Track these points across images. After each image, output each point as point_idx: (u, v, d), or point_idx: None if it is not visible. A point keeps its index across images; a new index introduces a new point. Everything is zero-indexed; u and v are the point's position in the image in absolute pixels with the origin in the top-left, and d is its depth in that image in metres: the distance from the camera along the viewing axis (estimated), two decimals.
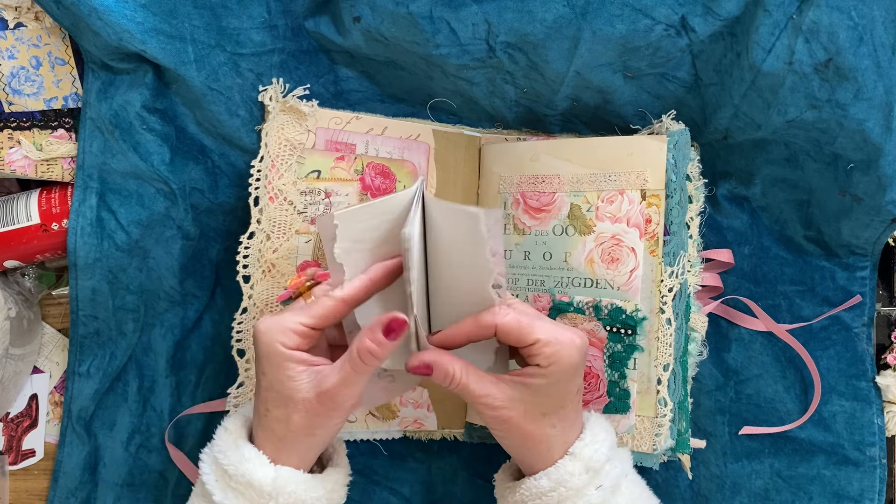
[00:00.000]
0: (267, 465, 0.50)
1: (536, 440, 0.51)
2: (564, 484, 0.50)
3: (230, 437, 0.52)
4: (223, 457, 0.51)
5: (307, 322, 0.51)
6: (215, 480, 0.51)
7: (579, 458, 0.51)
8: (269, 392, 0.51)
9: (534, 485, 0.52)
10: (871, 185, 0.60)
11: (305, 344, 0.51)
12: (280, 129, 0.62)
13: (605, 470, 0.52)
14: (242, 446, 0.51)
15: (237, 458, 0.50)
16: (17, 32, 0.60)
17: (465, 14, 0.58)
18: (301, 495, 0.50)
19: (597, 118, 0.65)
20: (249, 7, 0.61)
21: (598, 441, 0.52)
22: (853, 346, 0.65)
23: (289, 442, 0.51)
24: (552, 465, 0.51)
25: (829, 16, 0.54)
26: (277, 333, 0.50)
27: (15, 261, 0.63)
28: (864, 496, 0.64)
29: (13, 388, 0.64)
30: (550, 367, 0.50)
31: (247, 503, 0.50)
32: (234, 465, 0.50)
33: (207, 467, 0.52)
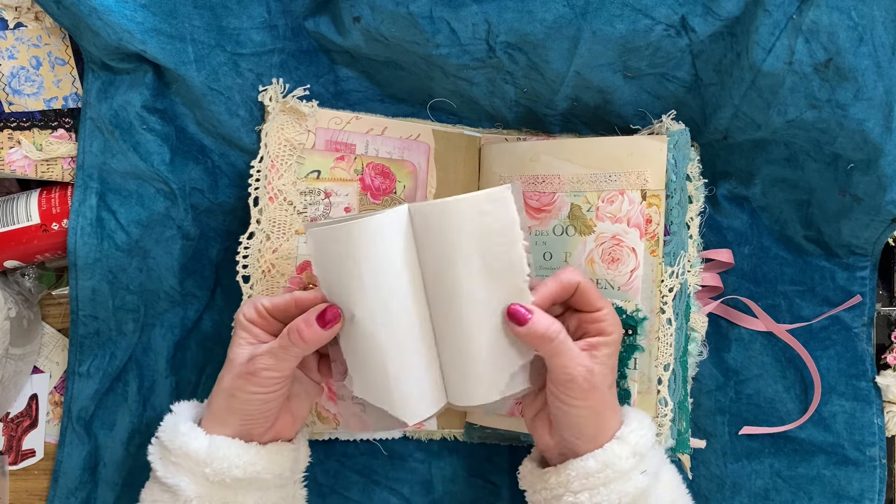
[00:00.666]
0: (202, 436, 0.53)
1: (611, 409, 0.54)
2: (612, 466, 0.52)
3: (172, 418, 0.55)
4: (164, 434, 0.54)
5: (265, 304, 0.54)
6: (159, 458, 0.54)
7: (627, 443, 0.53)
8: (226, 360, 0.55)
9: (580, 465, 0.52)
10: (871, 185, 0.60)
11: (263, 324, 0.54)
12: (280, 130, 0.62)
13: (650, 456, 0.53)
14: (180, 422, 0.54)
15: (173, 433, 0.54)
16: (17, 32, 0.60)
17: (465, 14, 0.58)
18: (234, 460, 0.53)
19: (597, 118, 0.65)
20: (249, 7, 0.61)
21: (643, 427, 0.54)
22: (853, 346, 0.65)
23: (212, 401, 0.55)
24: (599, 448, 0.53)
25: (829, 16, 0.54)
26: (244, 306, 0.55)
27: (15, 261, 0.63)
28: (864, 496, 0.64)
29: (13, 388, 0.64)
30: (614, 335, 0.54)
31: (186, 473, 0.53)
32: (172, 439, 0.53)
33: (153, 448, 0.55)
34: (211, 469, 0.52)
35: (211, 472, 0.52)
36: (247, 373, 0.53)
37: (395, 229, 0.53)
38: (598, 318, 0.54)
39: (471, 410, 0.58)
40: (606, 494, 0.52)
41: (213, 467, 0.52)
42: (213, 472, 0.52)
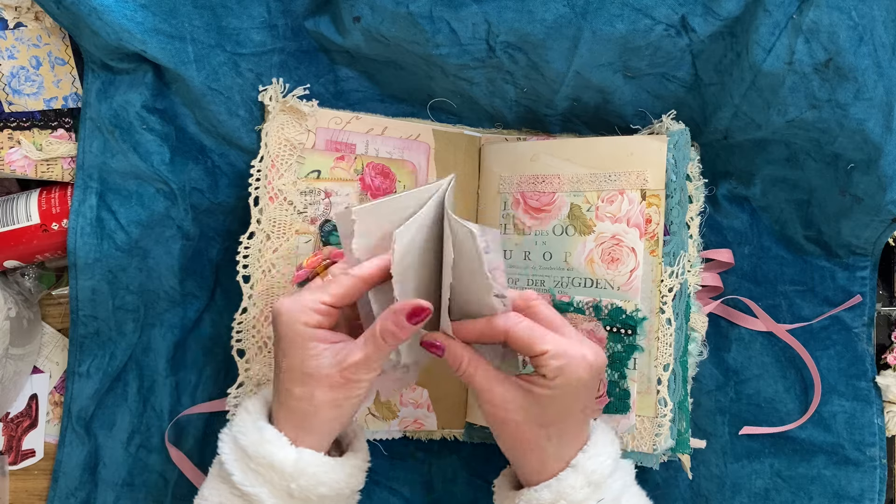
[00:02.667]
0: (288, 447, 0.50)
1: (530, 448, 0.51)
2: (565, 497, 0.50)
3: (250, 418, 0.52)
4: (243, 437, 0.51)
5: (327, 300, 0.51)
6: (235, 461, 0.50)
7: (581, 471, 0.50)
8: (290, 373, 0.51)
9: (534, 496, 0.51)
10: (871, 185, 0.60)
11: (326, 322, 0.51)
12: (280, 129, 0.62)
13: (608, 483, 0.51)
14: (263, 427, 0.51)
15: (258, 439, 0.50)
16: (17, 32, 0.60)
17: (465, 14, 0.58)
18: (322, 477, 0.50)
19: (597, 118, 0.65)
20: (249, 7, 0.61)
21: (601, 454, 0.51)
22: (853, 346, 0.65)
23: (311, 419, 0.51)
24: (553, 477, 0.51)
25: (829, 16, 0.54)
26: (298, 313, 0.50)
27: (15, 261, 0.63)
28: (864, 496, 0.64)
29: (13, 388, 0.64)
30: (555, 381, 0.49)
31: (267, 484, 0.50)
32: (255, 446, 0.50)
33: (227, 447, 0.51)
34: (297, 485, 0.49)
35: (297, 487, 0.49)
36: (349, 383, 0.50)
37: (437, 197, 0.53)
38: (538, 364, 0.50)
39: None
40: None
41: (299, 483, 0.49)
42: (299, 489, 0.49)
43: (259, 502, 0.49)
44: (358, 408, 0.52)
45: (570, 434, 0.52)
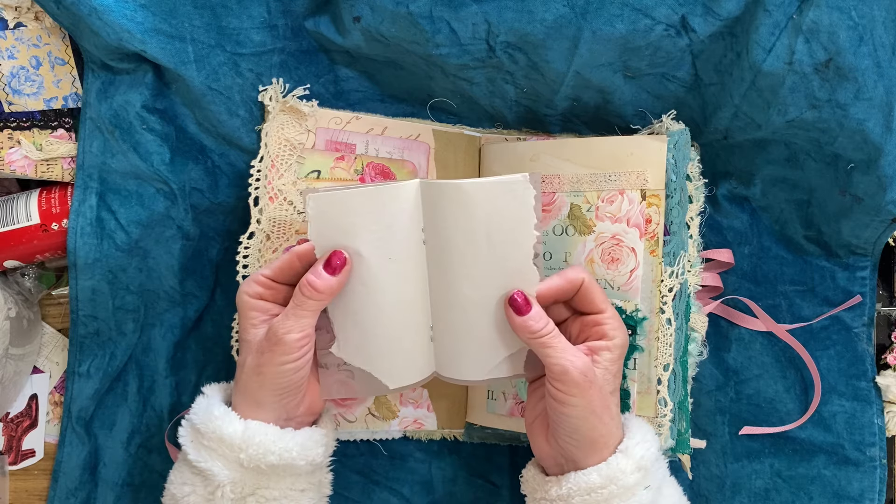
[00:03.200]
0: (237, 421, 0.52)
1: (610, 415, 0.52)
2: (616, 481, 0.50)
3: (204, 400, 0.55)
4: (196, 418, 0.54)
5: (266, 272, 0.54)
6: (190, 441, 0.53)
7: (631, 456, 0.51)
8: (240, 343, 0.55)
9: (583, 479, 0.51)
10: (871, 185, 0.60)
11: (269, 295, 0.54)
12: (280, 129, 0.62)
13: (653, 470, 0.52)
14: (213, 406, 0.53)
15: (207, 417, 0.53)
16: (17, 32, 0.60)
17: (465, 14, 0.58)
18: (269, 446, 0.52)
19: (597, 118, 0.65)
20: (249, 7, 0.61)
21: (647, 440, 0.53)
22: (853, 346, 0.65)
23: (243, 386, 0.53)
24: (603, 462, 0.51)
25: (829, 16, 0.54)
26: (244, 285, 0.54)
27: (15, 261, 0.63)
28: (865, 496, 0.64)
29: (13, 388, 0.64)
30: (615, 340, 0.53)
31: (220, 458, 0.52)
32: (205, 423, 0.53)
33: (184, 431, 0.54)
34: (246, 455, 0.51)
35: (246, 457, 0.51)
36: (271, 344, 0.52)
37: (404, 200, 0.54)
38: (600, 321, 0.53)
39: (456, 383, 0.58)
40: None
41: (248, 453, 0.51)
42: (248, 458, 0.51)
43: (213, 476, 0.52)
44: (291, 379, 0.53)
45: (618, 409, 0.54)
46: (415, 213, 0.54)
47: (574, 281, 0.53)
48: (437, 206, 0.54)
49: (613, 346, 0.53)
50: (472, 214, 0.52)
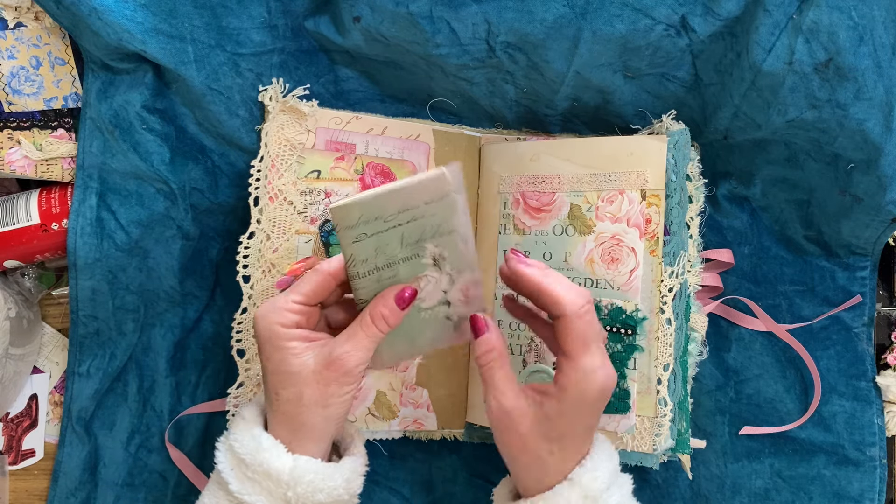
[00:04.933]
0: (284, 455, 0.50)
1: (531, 460, 0.50)
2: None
3: (246, 426, 0.51)
4: (239, 445, 0.50)
5: (298, 299, 0.51)
6: (231, 469, 0.50)
7: (578, 485, 0.50)
8: (275, 376, 0.50)
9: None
10: (871, 185, 0.60)
11: (304, 321, 0.51)
12: (280, 129, 0.62)
13: (604, 498, 0.50)
14: (259, 435, 0.50)
15: (254, 447, 0.50)
16: (17, 32, 0.60)
17: (465, 14, 0.58)
18: (319, 484, 0.50)
19: (597, 118, 0.65)
20: (249, 7, 0.61)
21: (599, 469, 0.50)
22: (853, 346, 0.65)
23: (302, 420, 0.50)
24: (549, 490, 0.50)
25: (829, 16, 0.54)
26: (273, 315, 0.50)
27: (15, 261, 0.63)
28: (864, 496, 0.64)
29: (13, 388, 0.64)
30: (565, 392, 0.49)
31: (264, 493, 0.49)
32: (252, 454, 0.50)
33: (223, 456, 0.51)
34: (294, 493, 0.49)
35: (294, 496, 0.49)
36: (338, 374, 0.50)
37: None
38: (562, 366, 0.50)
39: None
40: None
41: (296, 491, 0.49)
42: (296, 497, 0.49)
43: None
44: (350, 406, 0.52)
45: (573, 449, 0.51)
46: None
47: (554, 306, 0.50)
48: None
49: (561, 398, 0.49)
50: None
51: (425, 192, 0.52)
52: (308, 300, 0.51)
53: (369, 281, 0.52)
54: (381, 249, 0.52)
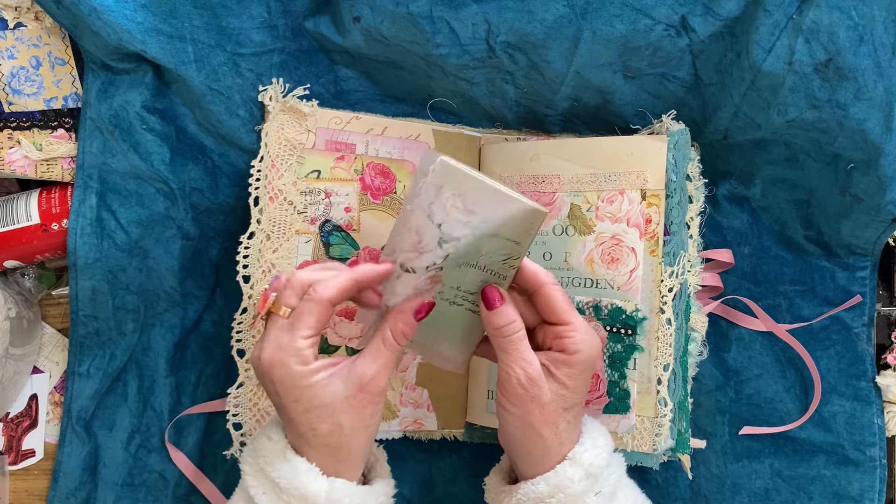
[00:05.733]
0: (321, 478, 0.49)
1: (551, 430, 0.50)
2: (563, 490, 0.50)
3: (276, 448, 0.50)
4: (272, 469, 0.49)
5: (308, 333, 0.49)
6: (263, 493, 0.49)
7: (579, 464, 0.50)
8: (308, 413, 0.49)
9: (531, 490, 0.51)
10: (871, 185, 0.60)
11: (315, 352, 0.50)
12: (280, 129, 0.62)
13: (604, 476, 0.51)
14: (293, 458, 0.49)
15: (289, 471, 0.49)
16: (17, 32, 0.60)
17: (465, 14, 0.58)
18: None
19: (597, 118, 0.65)
20: (249, 7, 0.61)
21: (598, 446, 0.51)
22: (853, 346, 0.65)
23: (349, 449, 0.50)
24: (550, 470, 0.50)
25: (829, 16, 0.54)
26: (286, 358, 0.48)
27: (15, 261, 0.63)
28: (865, 496, 0.64)
29: (13, 388, 0.64)
30: (577, 355, 0.50)
31: None
32: (287, 479, 0.48)
33: (254, 480, 0.50)
34: None
35: None
36: (373, 396, 0.49)
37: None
38: (562, 334, 0.51)
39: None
40: None
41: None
42: None
43: None
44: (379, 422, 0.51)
45: (578, 421, 0.52)
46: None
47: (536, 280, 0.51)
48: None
49: (574, 361, 0.50)
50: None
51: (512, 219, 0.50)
52: (316, 333, 0.49)
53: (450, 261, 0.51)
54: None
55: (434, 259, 0.51)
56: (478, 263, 0.51)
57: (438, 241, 0.51)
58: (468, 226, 0.50)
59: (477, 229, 0.50)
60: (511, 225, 0.50)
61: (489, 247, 0.51)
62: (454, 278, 0.52)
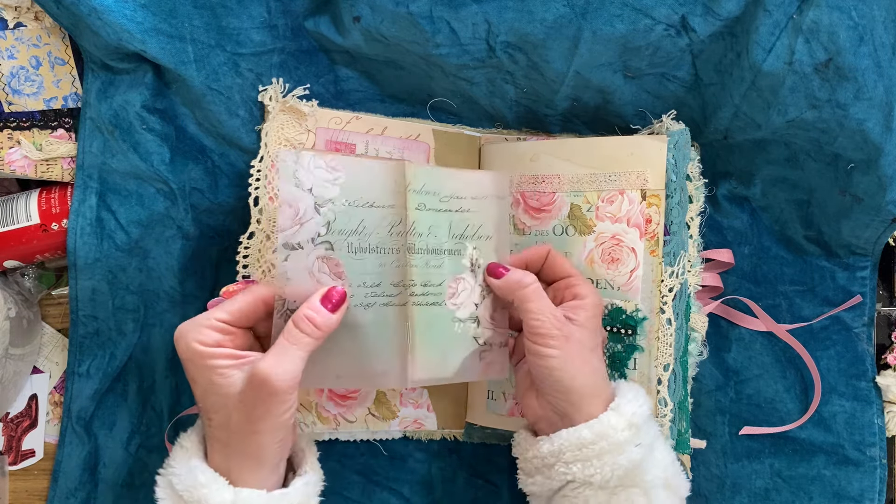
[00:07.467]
0: (224, 488, 0.46)
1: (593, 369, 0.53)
2: (607, 437, 0.51)
3: (185, 456, 0.48)
4: (178, 480, 0.47)
5: (222, 317, 0.48)
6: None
7: (622, 414, 0.52)
8: (204, 400, 0.47)
9: (574, 435, 0.51)
10: (871, 185, 0.60)
11: (228, 341, 0.48)
12: (280, 129, 0.62)
13: (645, 429, 0.52)
14: (196, 468, 0.47)
15: (191, 482, 0.47)
16: (17, 32, 0.60)
17: (465, 14, 0.58)
18: None
19: (597, 118, 0.65)
20: (249, 7, 0.61)
21: (639, 399, 0.53)
22: (853, 346, 0.65)
23: (234, 448, 0.47)
24: (594, 419, 0.51)
25: (829, 16, 0.54)
26: (192, 332, 0.47)
27: (15, 261, 0.63)
28: (865, 496, 0.64)
29: (13, 388, 0.64)
30: (589, 299, 0.55)
31: None
32: (189, 491, 0.46)
33: (163, 492, 0.48)
34: None
35: None
36: (264, 395, 0.45)
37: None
38: (572, 283, 0.56)
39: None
40: (599, 466, 0.51)
41: None
42: None
43: None
44: (289, 428, 0.48)
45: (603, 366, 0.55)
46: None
47: (539, 251, 0.57)
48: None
49: (588, 305, 0.55)
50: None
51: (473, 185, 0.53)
52: (233, 320, 0.48)
53: (419, 260, 0.51)
54: (433, 230, 0.52)
55: (317, 228, 0.50)
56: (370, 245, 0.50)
57: (314, 205, 0.50)
58: (336, 184, 0.50)
59: (346, 191, 0.50)
60: (376, 186, 0.50)
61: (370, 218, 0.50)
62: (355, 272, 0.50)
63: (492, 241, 0.55)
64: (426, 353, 0.52)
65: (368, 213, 0.50)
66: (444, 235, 0.52)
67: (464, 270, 0.53)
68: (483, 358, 0.55)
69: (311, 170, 0.50)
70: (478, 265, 0.55)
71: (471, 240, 0.54)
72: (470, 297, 0.54)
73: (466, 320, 0.54)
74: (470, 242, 0.54)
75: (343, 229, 0.50)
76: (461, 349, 0.54)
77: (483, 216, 0.54)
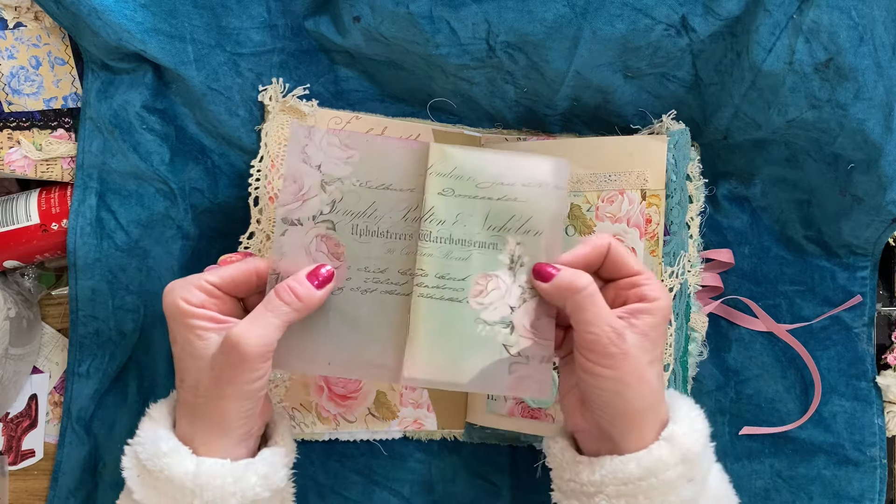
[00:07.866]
0: (187, 458, 0.45)
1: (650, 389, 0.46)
2: (657, 474, 0.45)
3: (151, 426, 0.47)
4: (142, 449, 0.46)
5: (212, 280, 0.47)
6: (136, 476, 0.46)
7: (677, 447, 0.45)
8: (180, 360, 0.46)
9: (619, 467, 0.45)
10: (871, 185, 0.60)
11: (213, 304, 0.47)
12: (280, 129, 0.62)
13: (699, 462, 0.46)
14: (161, 437, 0.46)
15: (154, 451, 0.45)
16: (17, 32, 0.60)
17: (465, 14, 0.58)
18: (229, 488, 0.45)
19: (597, 118, 0.65)
20: (249, 7, 0.61)
21: (697, 429, 0.47)
22: (853, 346, 0.65)
23: (200, 413, 0.46)
24: (643, 449, 0.45)
25: (829, 16, 0.54)
26: (180, 290, 0.46)
27: (15, 261, 0.63)
28: (865, 496, 0.64)
29: (13, 389, 0.64)
30: (657, 302, 0.47)
31: (170, 502, 0.45)
32: (152, 460, 0.45)
33: (128, 461, 0.47)
34: (201, 501, 0.44)
35: (201, 503, 0.45)
36: (233, 361, 0.44)
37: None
38: (639, 282, 0.47)
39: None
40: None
41: (203, 498, 0.44)
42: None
43: None
44: (259, 399, 0.46)
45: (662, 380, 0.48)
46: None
47: (599, 247, 0.48)
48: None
49: (655, 309, 0.46)
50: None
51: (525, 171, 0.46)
52: (222, 284, 0.47)
53: (436, 249, 0.46)
54: (462, 218, 0.46)
55: (320, 206, 0.47)
56: (378, 229, 0.47)
57: (321, 183, 0.47)
58: (349, 163, 0.46)
59: (359, 171, 0.46)
60: (395, 168, 0.46)
61: (384, 201, 0.47)
62: (358, 255, 0.47)
63: (542, 238, 0.47)
64: (431, 351, 0.47)
65: (382, 196, 0.47)
66: (476, 225, 0.46)
67: (499, 267, 0.46)
68: (514, 371, 0.47)
69: (322, 146, 0.47)
70: (519, 263, 0.47)
71: (514, 233, 0.46)
72: (504, 298, 0.47)
73: (495, 324, 0.47)
74: (512, 236, 0.46)
75: (350, 210, 0.47)
76: (483, 355, 0.47)
77: (534, 207, 0.46)
